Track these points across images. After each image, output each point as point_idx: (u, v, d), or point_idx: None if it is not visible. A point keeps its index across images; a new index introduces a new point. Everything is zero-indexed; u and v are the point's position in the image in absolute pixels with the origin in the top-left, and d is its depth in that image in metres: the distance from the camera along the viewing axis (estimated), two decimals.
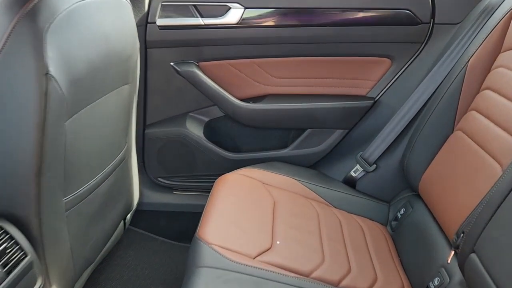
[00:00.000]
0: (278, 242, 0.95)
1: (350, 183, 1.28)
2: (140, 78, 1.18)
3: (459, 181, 0.95)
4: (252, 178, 1.18)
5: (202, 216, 1.00)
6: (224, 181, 1.14)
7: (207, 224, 0.95)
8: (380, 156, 1.22)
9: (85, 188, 0.92)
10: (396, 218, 1.16)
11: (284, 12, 1.21)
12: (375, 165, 1.23)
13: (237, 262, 0.87)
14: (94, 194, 0.96)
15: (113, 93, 0.96)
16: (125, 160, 1.13)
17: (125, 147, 1.11)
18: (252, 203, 1.07)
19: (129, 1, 1.02)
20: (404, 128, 1.19)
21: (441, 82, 1.13)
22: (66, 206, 0.87)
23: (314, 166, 1.36)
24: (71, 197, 0.87)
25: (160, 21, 1.21)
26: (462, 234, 0.81)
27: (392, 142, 1.21)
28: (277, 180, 1.20)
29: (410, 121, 1.18)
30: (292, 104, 1.28)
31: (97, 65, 0.85)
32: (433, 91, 1.15)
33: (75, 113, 0.81)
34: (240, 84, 1.29)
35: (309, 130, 1.32)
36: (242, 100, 1.29)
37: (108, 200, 1.05)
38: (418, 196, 1.13)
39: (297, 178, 1.21)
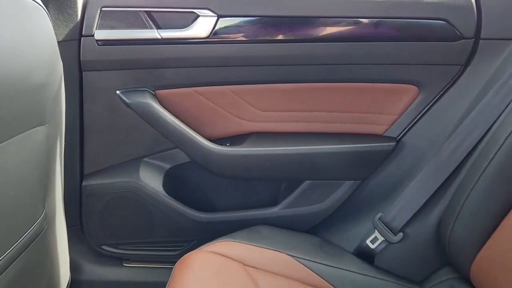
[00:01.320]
0: None
1: (366, 256, 0.97)
2: (72, 113, 0.94)
3: None
4: (228, 257, 0.85)
5: None
6: (187, 266, 0.81)
7: None
8: (409, 221, 0.92)
9: None
10: None
11: (272, 22, 0.95)
12: (401, 234, 0.92)
13: None
14: None
15: (15, 141, 0.68)
16: (43, 233, 0.82)
17: (42, 216, 0.80)
18: None
19: (44, 7, 0.74)
20: (443, 184, 0.90)
21: (496, 120, 0.85)
22: None
23: (315, 231, 1.09)
24: None
25: (100, 34, 0.94)
26: None
27: (425, 202, 0.91)
28: (264, 257, 0.88)
29: (451, 174, 0.89)
30: (284, 148, 1.02)
31: None
32: (484, 133, 0.86)
33: None
34: (213, 120, 1.03)
35: (307, 182, 1.06)
36: (215, 141, 1.03)
37: None
38: (467, 281, 0.83)
39: (292, 254, 0.90)
